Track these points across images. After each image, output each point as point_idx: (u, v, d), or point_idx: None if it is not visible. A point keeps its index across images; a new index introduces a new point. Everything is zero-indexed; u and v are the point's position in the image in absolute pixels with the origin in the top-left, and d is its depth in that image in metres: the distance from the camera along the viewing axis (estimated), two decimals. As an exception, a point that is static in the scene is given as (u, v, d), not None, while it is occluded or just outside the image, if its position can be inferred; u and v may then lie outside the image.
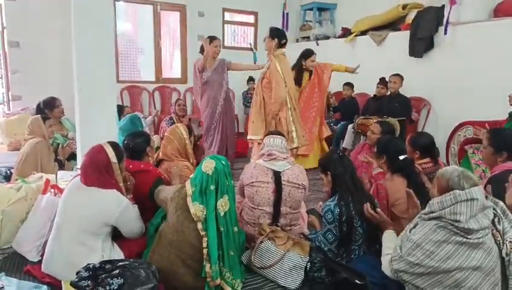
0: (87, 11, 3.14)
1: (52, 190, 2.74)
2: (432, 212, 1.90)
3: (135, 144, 2.94)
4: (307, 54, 4.96)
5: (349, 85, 5.96)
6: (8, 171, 3.80)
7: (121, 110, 4.55)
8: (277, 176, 2.76)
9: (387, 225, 2.36)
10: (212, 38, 4.59)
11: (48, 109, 4.30)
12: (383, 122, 3.90)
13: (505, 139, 2.60)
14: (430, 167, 3.10)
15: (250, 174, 2.82)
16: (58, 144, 4.02)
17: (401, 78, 5.03)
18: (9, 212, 2.73)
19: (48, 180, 2.89)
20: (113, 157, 2.38)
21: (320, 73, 5.10)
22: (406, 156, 2.77)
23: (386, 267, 2.04)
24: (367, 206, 2.41)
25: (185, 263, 2.20)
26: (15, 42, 5.91)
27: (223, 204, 2.26)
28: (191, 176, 2.37)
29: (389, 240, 2.20)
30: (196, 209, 2.20)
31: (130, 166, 2.82)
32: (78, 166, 3.42)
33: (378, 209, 2.41)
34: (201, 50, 4.69)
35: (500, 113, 3.96)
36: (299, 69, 5.01)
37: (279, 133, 3.08)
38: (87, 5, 3.13)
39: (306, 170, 3.07)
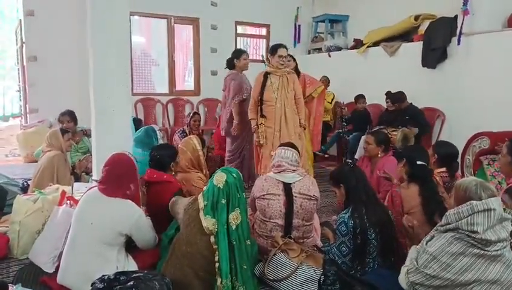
0: (103, 25, 3.21)
1: (68, 202, 2.78)
2: (449, 223, 1.88)
3: (161, 156, 3.04)
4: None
5: (362, 97, 5.95)
6: (26, 183, 3.86)
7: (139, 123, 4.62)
8: (287, 187, 2.76)
9: (416, 241, 2.33)
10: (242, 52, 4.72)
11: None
12: (376, 133, 3.91)
13: None
14: (445, 176, 3.08)
15: (261, 187, 2.82)
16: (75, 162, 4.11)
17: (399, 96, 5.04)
18: (26, 223, 2.78)
19: (64, 192, 2.93)
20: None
21: (307, 83, 4.73)
22: (424, 163, 2.77)
23: (402, 280, 2.01)
24: (406, 218, 2.44)
25: (198, 275, 2.20)
26: (33, 57, 6.06)
27: (234, 217, 2.27)
28: (204, 188, 2.39)
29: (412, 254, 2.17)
30: (208, 222, 2.21)
31: (154, 175, 2.95)
32: (94, 178, 3.47)
33: (415, 221, 2.40)
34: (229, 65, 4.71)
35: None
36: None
37: (293, 146, 3.01)
38: (104, 20, 3.20)
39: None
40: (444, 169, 3.12)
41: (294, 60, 4.66)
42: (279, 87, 4.11)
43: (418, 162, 2.75)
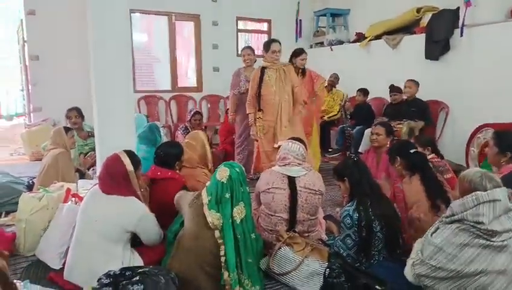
0: (104, 23, 3.20)
1: (73, 199, 2.79)
2: (453, 214, 1.88)
3: (166, 154, 3.04)
4: (297, 52, 4.70)
5: (362, 91, 5.93)
6: (31, 181, 3.88)
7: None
8: (291, 181, 2.76)
9: (420, 232, 2.33)
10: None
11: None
12: (385, 123, 3.91)
13: (510, 141, 2.66)
14: (437, 161, 3.23)
15: (266, 180, 2.83)
16: (81, 153, 4.11)
17: (416, 83, 5.00)
18: (32, 221, 2.79)
19: (68, 190, 2.95)
20: (129, 166, 2.42)
21: (314, 79, 4.79)
22: (416, 150, 2.84)
23: (408, 272, 2.01)
24: (414, 211, 2.47)
25: (203, 269, 2.21)
26: (35, 56, 6.08)
27: (239, 211, 2.27)
28: (207, 183, 2.39)
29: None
30: (213, 217, 2.22)
31: (158, 173, 2.96)
32: (98, 174, 3.48)
33: (422, 214, 2.41)
34: None
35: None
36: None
37: (301, 141, 3.01)
38: (104, 18, 3.20)
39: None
40: (433, 155, 3.31)
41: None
42: (276, 80, 4.14)
43: (411, 151, 2.79)
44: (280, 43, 4.17)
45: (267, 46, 4.17)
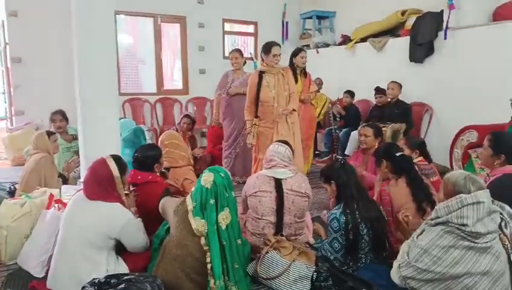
0: (88, 25, 3.16)
1: (56, 205, 2.74)
2: (438, 217, 1.89)
3: (145, 157, 2.97)
4: (296, 51, 4.73)
5: (348, 93, 5.97)
6: (13, 187, 3.78)
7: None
8: (278, 183, 2.75)
9: (408, 235, 2.33)
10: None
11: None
12: (372, 125, 3.93)
13: (505, 143, 2.64)
14: (424, 164, 3.23)
15: (253, 184, 2.82)
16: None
17: (399, 85, 5.05)
18: (13, 228, 2.73)
19: (52, 195, 2.89)
20: (115, 171, 2.39)
21: (311, 83, 4.85)
22: (402, 153, 2.87)
23: (394, 274, 2.02)
24: (402, 213, 2.46)
25: (189, 277, 2.19)
26: (17, 58, 5.96)
27: (224, 217, 2.25)
28: (192, 189, 2.36)
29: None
30: (198, 224, 2.19)
31: (139, 177, 2.89)
32: (82, 180, 3.43)
33: (410, 217, 2.42)
34: None
35: (503, 117, 3.95)
36: (292, 69, 4.60)
37: (287, 143, 2.98)
38: (88, 19, 3.16)
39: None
40: (421, 158, 3.30)
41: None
42: (275, 85, 3.99)
43: (397, 154, 2.80)
44: (280, 46, 4.02)
45: (267, 49, 3.97)
